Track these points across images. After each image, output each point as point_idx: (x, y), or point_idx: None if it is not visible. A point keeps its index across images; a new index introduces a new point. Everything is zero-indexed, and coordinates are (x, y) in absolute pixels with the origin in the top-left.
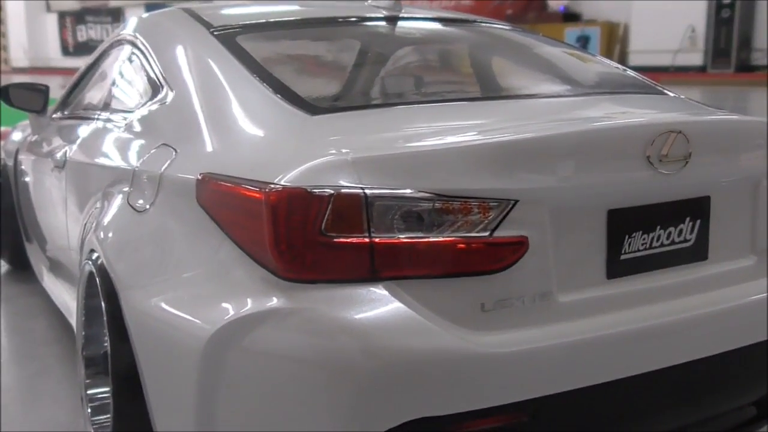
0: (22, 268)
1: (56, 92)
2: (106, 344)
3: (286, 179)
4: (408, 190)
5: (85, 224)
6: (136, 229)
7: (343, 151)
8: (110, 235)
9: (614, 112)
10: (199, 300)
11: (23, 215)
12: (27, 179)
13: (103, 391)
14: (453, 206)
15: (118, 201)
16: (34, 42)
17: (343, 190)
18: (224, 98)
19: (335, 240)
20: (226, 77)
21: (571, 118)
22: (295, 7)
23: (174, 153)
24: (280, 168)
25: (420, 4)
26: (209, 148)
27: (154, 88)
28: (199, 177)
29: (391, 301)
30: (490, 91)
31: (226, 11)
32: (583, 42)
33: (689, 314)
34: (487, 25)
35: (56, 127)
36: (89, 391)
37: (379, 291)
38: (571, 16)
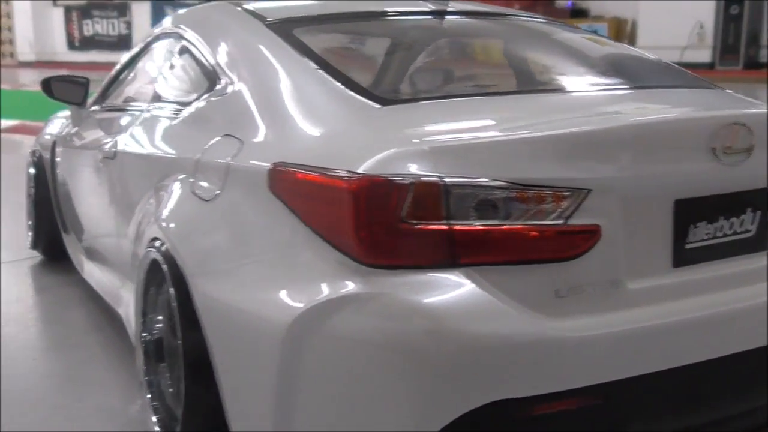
0: (56, 258)
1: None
2: (159, 330)
3: (367, 168)
4: (485, 179)
5: (144, 213)
6: (204, 218)
7: (420, 140)
8: (177, 223)
9: (676, 105)
10: (275, 286)
11: (61, 206)
12: (67, 171)
13: (161, 377)
14: (529, 195)
15: (181, 190)
16: (41, 36)
17: (423, 179)
18: (290, 90)
19: (415, 227)
20: (289, 69)
21: (637, 110)
22: (340, 1)
23: (240, 143)
24: (359, 157)
25: None
26: (279, 138)
27: (211, 80)
28: (272, 166)
29: (469, 286)
30: (549, 84)
31: (276, 5)
32: None
33: (751, 303)
34: (532, 19)
35: (99, 119)
36: (147, 378)
37: (457, 277)
38: (578, 12)
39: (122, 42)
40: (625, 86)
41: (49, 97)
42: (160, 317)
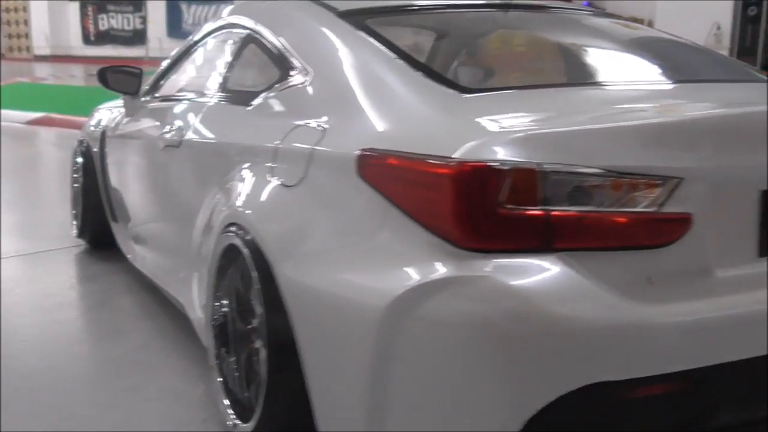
0: (102, 247)
1: (75, 81)
2: (231, 315)
3: (464, 154)
4: (581, 166)
5: (217, 200)
6: (288, 203)
7: (514, 128)
8: (258, 209)
9: (757, 98)
10: (367, 270)
11: (110, 196)
12: (120, 160)
13: (233, 360)
14: (623, 183)
15: (260, 177)
16: (56, 30)
17: (521, 165)
18: (371, 79)
19: (513, 212)
20: (367, 59)
21: (722, 101)
22: None
23: (322, 130)
24: (453, 144)
25: None
26: (364, 125)
27: (284, 70)
28: (361, 152)
29: (565, 271)
30: (620, 75)
31: None
32: None
33: None
34: (589, 12)
35: (157, 109)
36: (218, 361)
37: (552, 262)
38: None
39: (137, 37)
40: (695, 78)
41: (105, 87)
42: (232, 301)
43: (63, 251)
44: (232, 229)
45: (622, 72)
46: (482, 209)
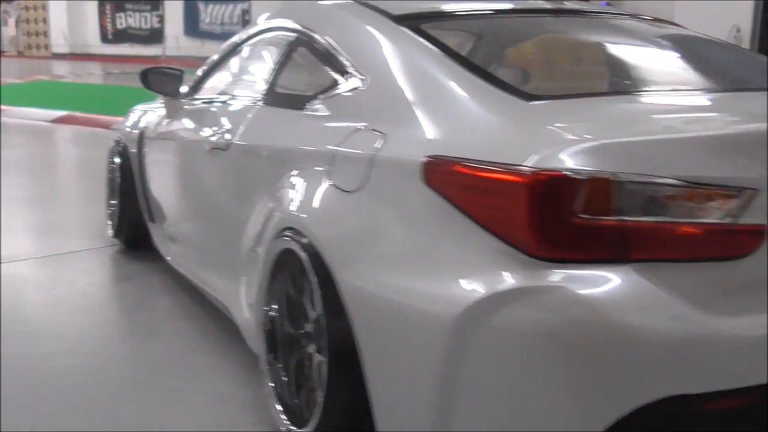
0: (137, 247)
1: (93, 79)
2: (282, 318)
3: (537, 162)
4: (657, 176)
5: (270, 204)
6: (349, 209)
7: (587, 137)
8: (318, 214)
9: None
10: (435, 278)
11: (148, 197)
12: (160, 162)
13: (280, 366)
14: (698, 193)
15: (317, 182)
16: (74, 28)
17: (597, 174)
18: (431, 84)
19: (588, 221)
20: (427, 64)
21: None
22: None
23: (382, 136)
24: (524, 151)
25: None
26: (427, 131)
27: (339, 74)
28: (427, 159)
29: (639, 282)
30: (681, 83)
31: (397, 2)
32: None
33: None
34: (642, 18)
35: (201, 111)
36: (269, 366)
37: (627, 272)
38: None
39: (154, 36)
40: (753, 86)
41: (147, 88)
42: (282, 306)
43: (98, 251)
44: (288, 233)
45: (679, 78)
46: (557, 218)
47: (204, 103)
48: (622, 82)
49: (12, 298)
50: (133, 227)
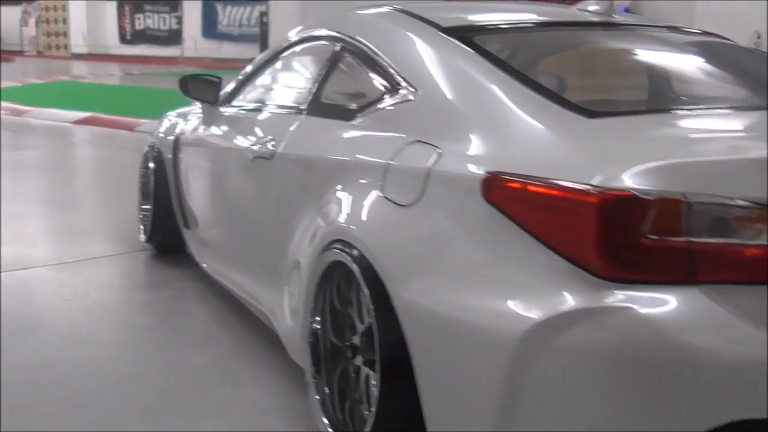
0: (170, 253)
1: (113, 80)
2: (328, 330)
3: (605, 181)
4: (726, 197)
5: (318, 215)
6: (404, 223)
7: (655, 155)
8: (370, 227)
9: None
10: (495, 295)
11: (183, 203)
12: (198, 169)
13: (323, 379)
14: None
15: (369, 194)
16: (93, 29)
17: (666, 195)
18: (487, 99)
19: (657, 242)
20: (481, 78)
21: None
22: (507, 11)
23: (437, 150)
24: (591, 170)
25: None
26: (485, 147)
27: (389, 85)
28: (487, 175)
29: (708, 304)
30: (746, 100)
31: (444, 13)
32: None
33: None
34: (701, 33)
35: (241, 118)
36: (315, 379)
37: (695, 294)
38: None
39: (173, 37)
40: None
41: (186, 95)
42: (326, 318)
43: (131, 256)
44: (337, 245)
45: (736, 94)
46: (625, 239)
47: (243, 110)
48: (680, 98)
49: (49, 302)
50: (166, 232)
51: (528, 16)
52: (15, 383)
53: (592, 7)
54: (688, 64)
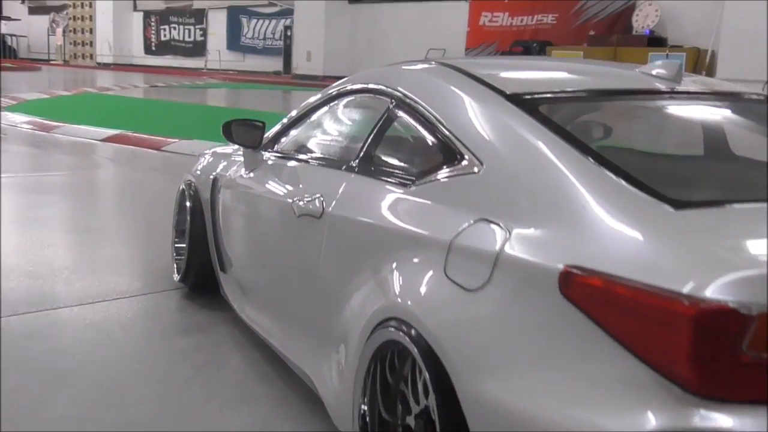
0: (203, 293)
1: (138, 92)
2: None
3: (700, 290)
4: None
5: (371, 287)
6: (468, 309)
7: (755, 261)
8: (431, 309)
9: None
10: (577, 403)
11: (220, 245)
12: (236, 214)
13: None
14: None
15: (431, 272)
16: (119, 39)
17: None
18: (561, 180)
19: (757, 359)
20: (555, 156)
21: None
22: (578, 74)
23: (505, 231)
24: (683, 275)
25: (496, 28)
26: (559, 233)
27: (449, 154)
28: (565, 269)
29: None
30: None
31: (503, 73)
32: None
33: None
34: None
35: (286, 168)
36: None
37: None
38: (656, 40)
39: (197, 48)
40: None
41: (229, 140)
42: (374, 402)
43: (164, 295)
44: (393, 323)
45: None
46: (723, 355)
47: (288, 158)
48: None
49: (83, 349)
50: (201, 273)
51: (590, 81)
52: None
53: (657, 70)
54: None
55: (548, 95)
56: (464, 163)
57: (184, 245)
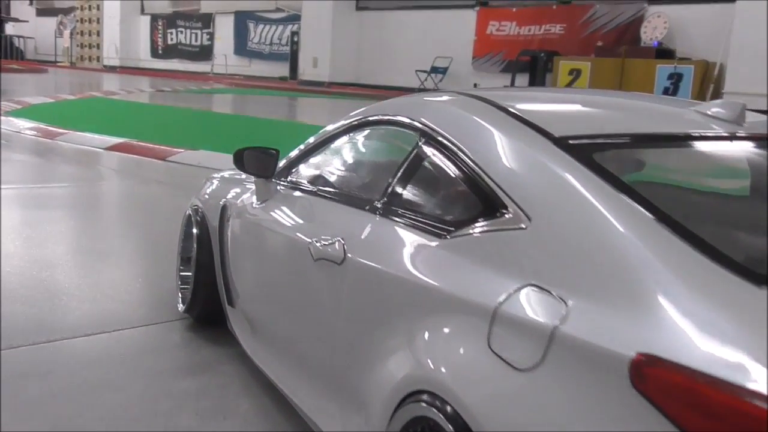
0: (209, 325)
1: (144, 96)
2: None
3: None
4: None
5: (401, 351)
6: (518, 391)
7: None
8: (473, 386)
9: None
10: None
11: (228, 278)
12: (247, 247)
13: None
14: None
15: (471, 342)
16: (126, 42)
17: None
18: (628, 247)
19: None
20: (618, 217)
21: None
22: (627, 113)
23: (561, 303)
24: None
25: (502, 32)
26: (626, 312)
27: (488, 203)
28: (637, 357)
29: None
30: None
31: (543, 108)
32: (676, 80)
33: None
34: None
35: (300, 202)
36: None
37: None
38: (664, 52)
39: (203, 52)
40: None
41: (241, 170)
42: None
43: (168, 326)
44: (425, 398)
45: None
46: None
47: (303, 191)
48: None
49: (84, 392)
50: (207, 305)
51: (645, 123)
52: None
53: (714, 109)
54: None
55: (601, 140)
56: (508, 216)
57: (189, 274)
